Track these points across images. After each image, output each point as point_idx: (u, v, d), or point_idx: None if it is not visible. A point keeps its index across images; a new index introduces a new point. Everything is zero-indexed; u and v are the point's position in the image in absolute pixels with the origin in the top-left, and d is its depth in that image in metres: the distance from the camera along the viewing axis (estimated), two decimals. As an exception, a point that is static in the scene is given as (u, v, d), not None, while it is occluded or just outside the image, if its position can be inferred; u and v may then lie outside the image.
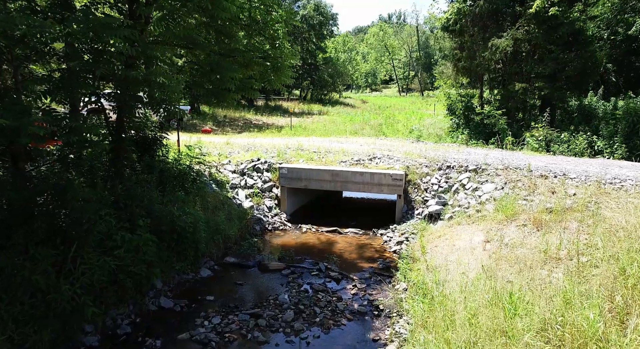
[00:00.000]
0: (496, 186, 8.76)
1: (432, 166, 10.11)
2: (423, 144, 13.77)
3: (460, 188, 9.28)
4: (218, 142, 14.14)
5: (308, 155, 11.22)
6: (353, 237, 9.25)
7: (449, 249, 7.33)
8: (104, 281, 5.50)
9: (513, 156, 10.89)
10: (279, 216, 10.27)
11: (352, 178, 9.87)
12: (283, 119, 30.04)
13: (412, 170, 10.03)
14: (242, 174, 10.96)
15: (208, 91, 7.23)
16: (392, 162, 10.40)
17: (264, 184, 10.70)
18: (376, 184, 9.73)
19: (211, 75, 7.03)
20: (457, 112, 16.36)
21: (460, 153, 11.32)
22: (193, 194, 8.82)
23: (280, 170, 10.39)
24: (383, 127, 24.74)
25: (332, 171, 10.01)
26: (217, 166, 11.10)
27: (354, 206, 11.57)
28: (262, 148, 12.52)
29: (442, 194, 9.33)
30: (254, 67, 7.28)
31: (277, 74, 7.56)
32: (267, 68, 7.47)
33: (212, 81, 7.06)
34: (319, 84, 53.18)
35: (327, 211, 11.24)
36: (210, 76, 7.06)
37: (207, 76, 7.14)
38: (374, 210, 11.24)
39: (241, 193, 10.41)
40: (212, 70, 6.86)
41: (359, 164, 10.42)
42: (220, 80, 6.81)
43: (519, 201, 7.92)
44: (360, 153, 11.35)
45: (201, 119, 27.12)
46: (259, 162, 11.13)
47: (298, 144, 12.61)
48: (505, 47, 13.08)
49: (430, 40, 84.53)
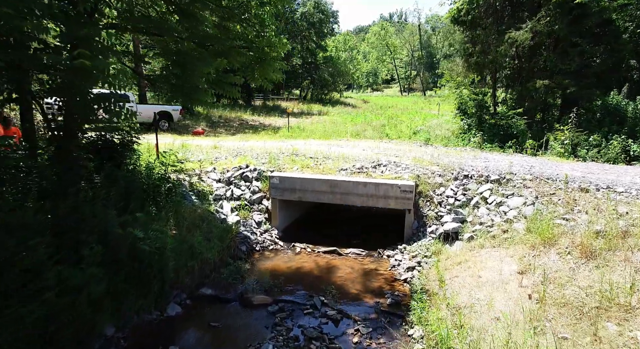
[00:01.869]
0: (525, 201, 7.37)
1: (447, 175, 8.73)
2: (433, 148, 12.38)
3: (481, 202, 7.90)
4: (206, 145, 12.80)
5: (303, 161, 9.84)
6: (355, 261, 7.87)
7: (473, 281, 5.94)
8: (23, 338, 4.14)
9: (539, 162, 9.49)
10: (269, 233, 8.90)
11: (354, 189, 8.50)
12: (281, 120, 28.68)
13: (423, 180, 8.65)
14: (228, 183, 9.60)
15: (173, 86, 5.85)
16: (400, 170, 9.01)
17: (252, 195, 9.33)
18: (382, 196, 8.36)
19: (175, 68, 5.66)
20: (469, 112, 14.97)
21: (477, 159, 9.93)
22: (167, 210, 7.47)
23: (271, 179, 9.02)
24: (386, 128, 23.36)
25: (330, 180, 8.64)
26: (199, 174, 9.74)
27: (356, 218, 10.18)
28: (253, 153, 11.16)
29: (459, 209, 7.95)
30: (234, 59, 5.90)
31: (263, 67, 6.18)
32: (250, 60, 6.10)
33: (178, 76, 5.69)
34: (319, 83, 51.86)
35: (325, 226, 9.87)
36: (174, 69, 5.69)
37: (173, 69, 5.76)
38: (380, 224, 9.85)
39: (226, 206, 9.04)
40: (178, 62, 5.49)
41: (361, 173, 9.04)
42: (188, 74, 5.44)
43: (556, 221, 6.54)
44: (363, 159, 9.97)
45: (194, 119, 25.79)
46: (248, 170, 9.76)
47: (293, 149, 11.25)
48: (524, 40, 11.70)
49: (432, 39, 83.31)
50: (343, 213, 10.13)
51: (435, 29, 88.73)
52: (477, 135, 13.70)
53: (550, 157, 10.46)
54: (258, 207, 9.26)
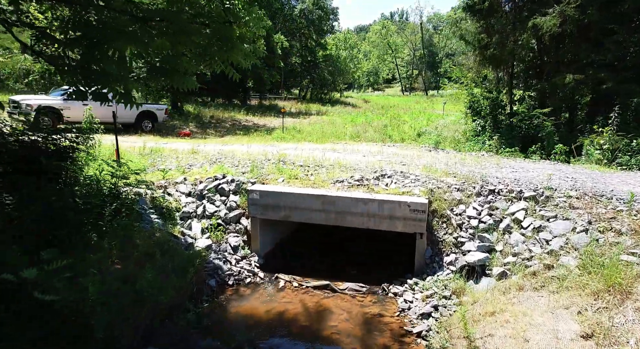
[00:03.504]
0: (574, 226, 5.70)
1: (467, 190, 7.05)
2: (444, 153, 10.71)
3: (514, 226, 6.22)
4: (183, 149, 11.15)
5: (291, 171, 8.17)
6: (353, 301, 6.19)
7: (518, 347, 4.26)
8: None
9: (579, 173, 7.80)
10: (248, 260, 7.23)
11: (353, 207, 6.83)
12: (277, 120, 27.04)
13: (438, 195, 6.97)
14: (200, 197, 7.94)
15: (73, 70, 4.15)
16: (409, 183, 7.34)
17: (228, 213, 7.66)
18: (387, 217, 6.68)
19: (73, 45, 4.00)
20: (483, 112, 13.29)
21: (501, 168, 8.25)
22: (111, 237, 5.82)
23: (250, 194, 7.35)
24: (388, 129, 21.72)
25: (323, 196, 6.97)
26: (166, 186, 8.08)
27: (355, 240, 8.49)
28: (234, 159, 9.50)
29: (484, 234, 6.27)
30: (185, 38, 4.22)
31: (227, 50, 4.50)
32: (207, 39, 4.43)
33: (83, 56, 4.03)
34: (319, 82, 50.24)
35: (317, 249, 8.19)
36: (75, 45, 4.03)
37: (73, 45, 4.09)
38: (384, 249, 8.17)
39: (195, 226, 7.39)
40: (86, 38, 3.83)
41: (361, 186, 7.37)
42: (97, 54, 3.79)
43: (624, 257, 4.87)
44: (363, 168, 8.31)
45: (183, 120, 24.16)
46: (224, 181, 8.09)
47: (279, 155, 9.58)
48: (551, 27, 10.02)
49: (434, 38, 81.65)
50: (339, 234, 8.42)
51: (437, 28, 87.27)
52: (494, 137, 12.02)
53: (589, 165, 8.77)
54: (235, 227, 7.59)
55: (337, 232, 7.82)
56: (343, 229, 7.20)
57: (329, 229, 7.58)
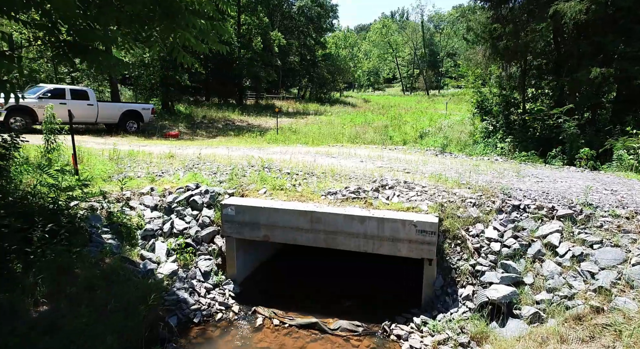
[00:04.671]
0: (628, 256, 4.48)
1: (485, 205, 5.83)
2: (452, 158, 9.49)
3: (547, 252, 5.00)
4: (160, 153, 9.96)
5: (276, 180, 6.96)
6: (347, 346, 4.97)
7: None
8: None
9: (619, 184, 6.57)
10: (221, 289, 6.02)
11: (346, 226, 5.62)
12: (272, 121, 25.86)
13: (450, 212, 5.76)
14: (168, 211, 6.73)
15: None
16: (414, 196, 6.12)
17: (200, 230, 6.45)
18: (388, 238, 5.47)
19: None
20: (494, 111, 12.06)
21: (523, 178, 7.02)
22: (41, 267, 4.62)
23: (225, 209, 6.14)
24: (389, 129, 20.52)
25: (311, 213, 5.76)
26: (130, 197, 6.88)
27: (349, 264, 7.18)
28: (215, 165, 8.31)
29: (509, 261, 5.06)
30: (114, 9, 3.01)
31: (173, 27, 3.30)
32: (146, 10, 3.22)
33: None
34: (318, 81, 49.08)
35: (303, 277, 6.95)
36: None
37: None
38: (385, 276, 6.95)
39: (160, 247, 6.18)
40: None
41: (357, 199, 6.15)
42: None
43: None
44: (360, 176, 7.10)
45: (173, 120, 22.97)
46: (198, 192, 6.88)
47: (262, 161, 8.37)
48: (575, 14, 8.80)
49: (435, 37, 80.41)
50: (331, 257, 7.10)
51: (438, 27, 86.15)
52: (506, 139, 10.79)
53: (624, 173, 7.53)
54: (207, 248, 6.37)
55: (328, 254, 6.56)
56: (336, 252, 5.98)
57: (319, 252, 6.35)
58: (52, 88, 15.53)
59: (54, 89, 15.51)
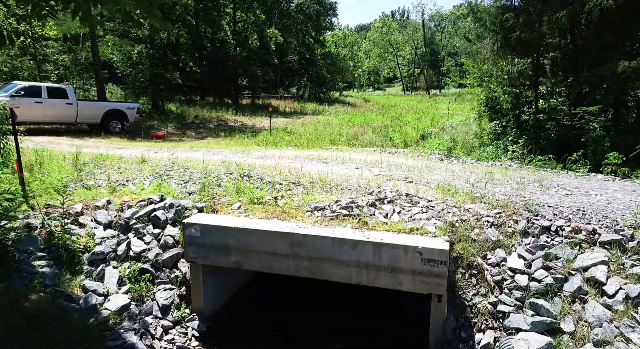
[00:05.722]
0: None
1: (505, 224, 4.74)
2: (460, 163, 8.39)
3: (590, 290, 3.91)
4: (131, 157, 8.88)
5: (255, 192, 5.87)
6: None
7: None
8: None
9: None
10: (184, 328, 4.93)
11: (335, 252, 4.54)
12: (268, 121, 24.83)
13: (463, 233, 4.67)
14: (124, 229, 5.66)
15: None
16: (418, 212, 5.04)
17: (162, 253, 5.37)
18: (386, 268, 4.39)
19: None
20: (504, 110, 10.97)
21: (548, 189, 5.91)
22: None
23: (188, 229, 5.05)
24: (389, 130, 19.44)
25: (292, 235, 4.67)
26: (80, 212, 5.81)
27: (339, 296, 5.90)
28: (188, 172, 7.23)
29: (540, 300, 3.97)
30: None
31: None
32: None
33: None
34: (317, 81, 48.06)
35: (284, 307, 5.84)
36: None
37: None
38: (383, 311, 5.83)
39: (111, 274, 5.11)
40: None
41: (349, 217, 5.06)
42: None
43: None
44: (354, 187, 6.01)
45: (162, 119, 21.91)
46: (161, 206, 5.80)
47: (250, 165, 7.30)
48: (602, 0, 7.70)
49: (436, 36, 79.29)
50: (317, 288, 5.83)
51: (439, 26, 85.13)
52: (519, 141, 9.70)
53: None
54: (169, 274, 5.29)
55: (314, 284, 5.35)
56: (323, 283, 4.88)
57: (303, 281, 5.23)
58: (26, 85, 14.46)
59: (28, 87, 14.44)
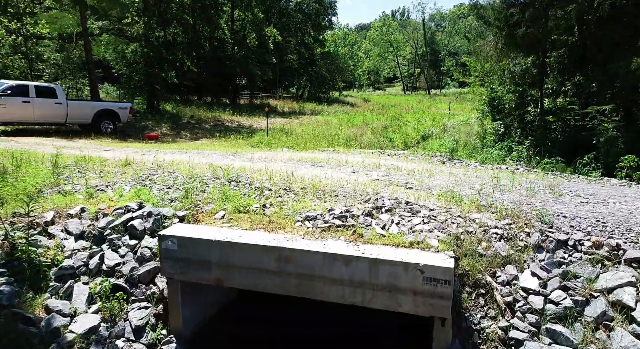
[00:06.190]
0: None
1: (516, 237, 4.26)
2: (463, 166, 7.91)
3: (615, 315, 3.44)
4: (115, 160, 8.41)
5: (241, 199, 5.40)
6: None
7: None
8: None
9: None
10: (159, 351, 4.46)
11: (326, 269, 4.06)
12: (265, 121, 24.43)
13: (469, 247, 4.19)
14: (98, 240, 5.19)
15: None
16: (419, 223, 4.56)
17: (138, 267, 4.89)
18: (384, 287, 3.91)
19: None
20: (507, 110, 10.49)
21: (561, 196, 5.44)
22: None
23: (164, 242, 4.57)
24: (389, 130, 18.98)
25: (280, 249, 4.19)
26: (51, 220, 5.34)
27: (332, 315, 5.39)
28: (172, 176, 6.75)
29: (557, 324, 3.50)
30: None
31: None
32: None
33: None
34: (317, 80, 47.64)
35: (272, 329, 5.33)
36: None
37: None
38: (380, 333, 5.34)
39: (79, 291, 4.64)
40: None
41: (343, 228, 4.58)
42: None
43: None
44: (350, 193, 5.54)
45: (157, 120, 21.45)
46: (139, 215, 5.33)
47: (238, 169, 6.82)
48: (614, -8, 7.24)
49: (436, 36, 78.83)
50: (307, 307, 5.30)
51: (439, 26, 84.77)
52: (525, 142, 9.23)
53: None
54: (145, 291, 4.81)
55: (305, 304, 4.82)
56: (314, 301, 4.39)
57: (293, 301, 4.74)
58: (13, 84, 13.99)
59: (16, 86, 13.97)
